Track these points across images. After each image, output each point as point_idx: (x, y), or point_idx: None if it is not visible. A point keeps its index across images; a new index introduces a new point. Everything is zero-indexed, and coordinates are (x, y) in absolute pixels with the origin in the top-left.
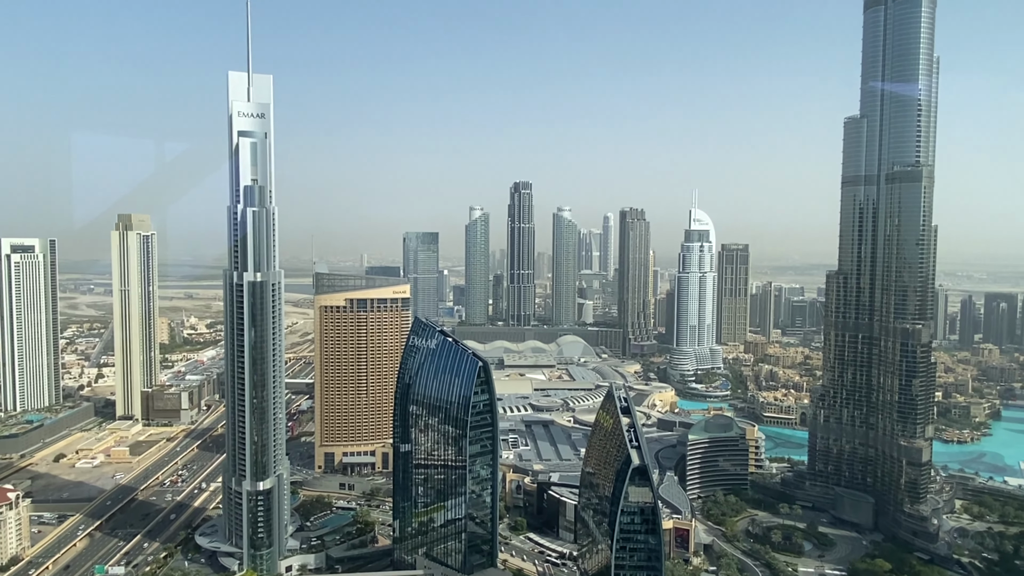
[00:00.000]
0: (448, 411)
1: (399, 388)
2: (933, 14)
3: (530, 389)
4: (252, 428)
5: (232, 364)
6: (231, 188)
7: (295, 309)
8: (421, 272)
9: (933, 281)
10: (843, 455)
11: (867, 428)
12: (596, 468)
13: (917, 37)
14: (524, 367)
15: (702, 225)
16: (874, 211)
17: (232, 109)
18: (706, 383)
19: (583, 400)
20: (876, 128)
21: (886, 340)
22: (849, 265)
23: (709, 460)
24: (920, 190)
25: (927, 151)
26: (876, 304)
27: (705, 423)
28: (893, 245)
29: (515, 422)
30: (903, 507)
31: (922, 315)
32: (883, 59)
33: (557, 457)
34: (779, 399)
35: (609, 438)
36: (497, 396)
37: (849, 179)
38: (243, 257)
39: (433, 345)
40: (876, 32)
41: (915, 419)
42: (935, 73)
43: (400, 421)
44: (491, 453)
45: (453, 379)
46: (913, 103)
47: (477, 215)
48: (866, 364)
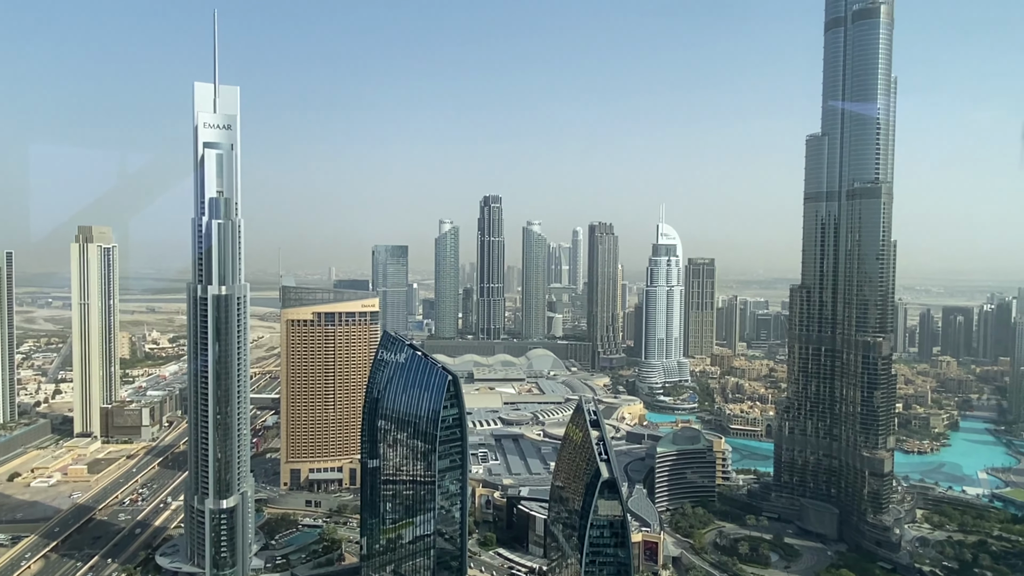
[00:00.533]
0: (417, 426)
1: (367, 403)
2: (891, 36)
3: (500, 403)
4: (215, 444)
5: (195, 379)
6: (196, 200)
7: (261, 323)
8: (390, 285)
9: (893, 295)
10: (808, 466)
11: (831, 439)
12: (566, 482)
13: (875, 58)
14: (494, 381)
15: (669, 239)
16: (835, 226)
17: (198, 120)
18: (674, 396)
19: (553, 413)
20: (837, 146)
21: (848, 352)
22: (812, 279)
23: (677, 472)
24: (880, 206)
25: (886, 168)
26: (838, 317)
27: (673, 436)
28: (854, 260)
29: (485, 436)
30: (866, 517)
31: (882, 328)
32: (843, 79)
33: (527, 471)
34: (745, 411)
35: (578, 451)
36: (467, 410)
37: (811, 195)
38: (208, 270)
39: (402, 359)
40: (836, 53)
41: (877, 430)
42: (893, 93)
43: (368, 436)
44: (460, 468)
45: (422, 393)
46: (872, 122)
47: (447, 228)
48: (829, 376)
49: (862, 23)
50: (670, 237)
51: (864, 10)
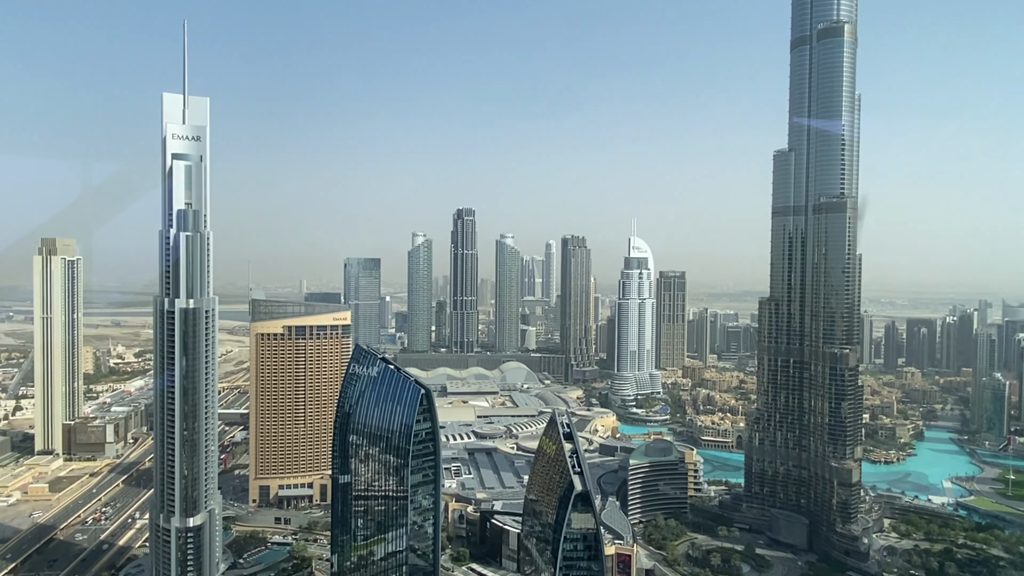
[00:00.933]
0: (389, 440)
1: (338, 417)
2: (854, 54)
3: (473, 416)
4: (182, 461)
5: (162, 394)
6: (163, 212)
7: (230, 337)
8: (363, 298)
9: (859, 307)
10: (778, 477)
11: (800, 450)
12: (539, 495)
13: (840, 75)
14: (467, 394)
15: (641, 253)
16: (803, 240)
17: (166, 131)
18: (646, 408)
19: (526, 427)
20: (803, 161)
21: (816, 364)
22: (780, 292)
23: (650, 484)
24: (845, 220)
25: (851, 183)
26: (806, 329)
27: (646, 448)
28: (821, 273)
29: (458, 450)
30: (835, 527)
31: (849, 340)
32: (809, 96)
33: (500, 485)
34: (716, 423)
35: (552, 464)
36: (440, 424)
37: (779, 209)
38: (175, 283)
39: (374, 373)
40: (802, 70)
41: (845, 441)
42: (857, 110)
43: (339, 451)
44: (433, 482)
45: (395, 407)
46: (837, 138)
47: (420, 241)
48: (798, 388)
49: (826, 42)
50: (642, 250)
51: (828, 29)
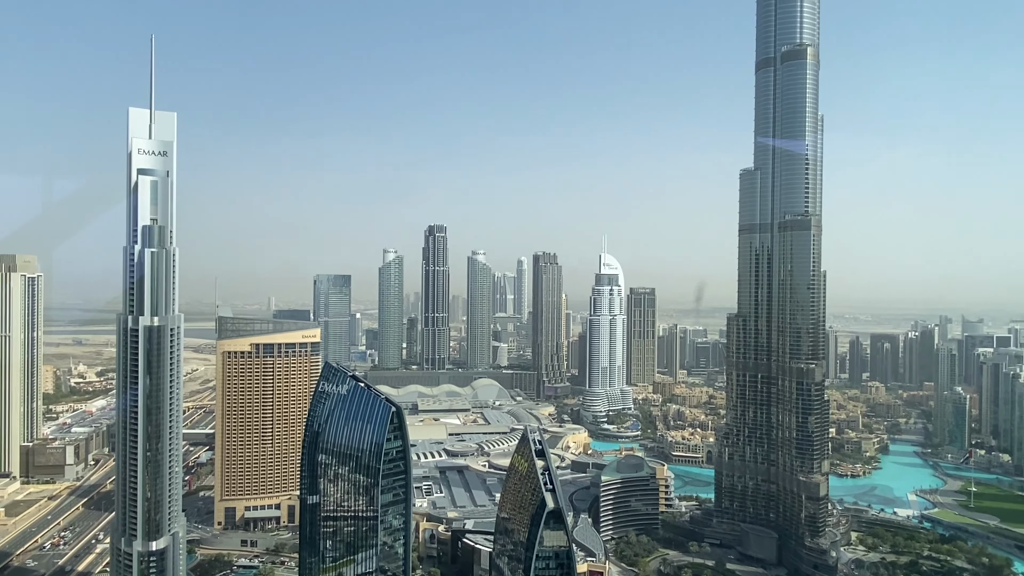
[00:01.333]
0: (359, 459)
1: (307, 436)
2: (817, 76)
3: (445, 434)
4: (145, 483)
5: (124, 414)
6: (128, 228)
7: (196, 355)
8: (332, 315)
9: (824, 323)
10: (747, 492)
11: (768, 465)
12: (511, 513)
13: (803, 97)
14: (439, 412)
15: (611, 269)
16: (769, 257)
17: (132, 146)
18: (618, 424)
19: (498, 444)
20: (768, 180)
21: (783, 379)
22: (747, 308)
23: (621, 501)
24: (809, 238)
25: (814, 202)
26: (773, 345)
27: (617, 464)
28: (787, 289)
29: (429, 469)
30: (804, 541)
31: (815, 355)
32: (773, 116)
33: (472, 503)
34: (686, 438)
35: (524, 482)
36: (411, 442)
37: (745, 227)
38: (139, 300)
39: (344, 391)
40: (766, 92)
41: (812, 455)
42: (820, 130)
43: (308, 471)
44: (404, 502)
45: (365, 426)
46: (801, 157)
47: (391, 258)
48: (765, 402)
49: (790, 64)
50: (612, 267)
51: (792, 52)
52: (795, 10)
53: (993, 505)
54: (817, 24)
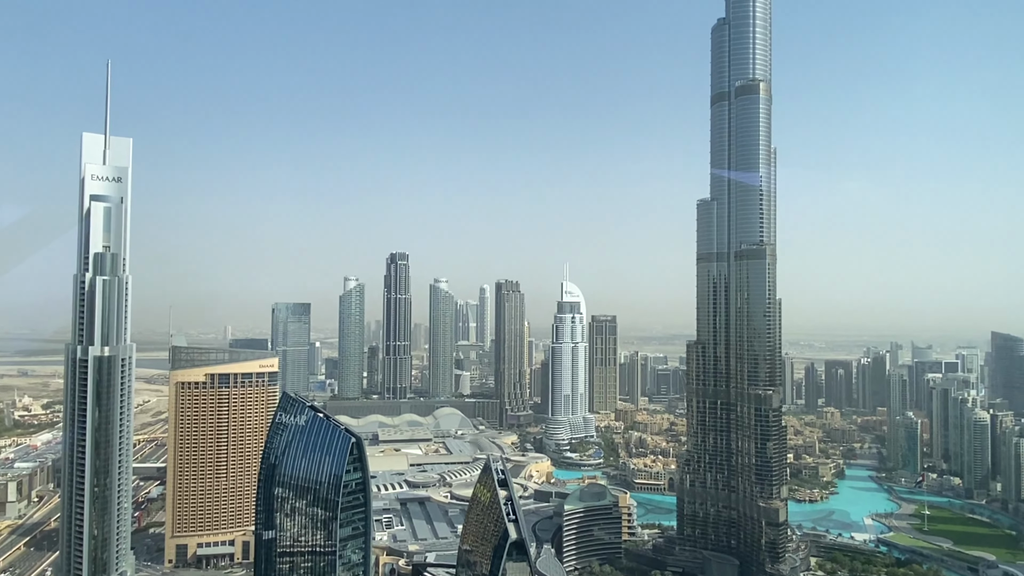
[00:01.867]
0: (317, 492)
1: (263, 469)
2: (769, 110)
3: (406, 465)
4: (91, 520)
5: (71, 448)
6: (79, 255)
7: (148, 386)
8: (291, 344)
9: (780, 350)
10: (709, 518)
11: (729, 491)
12: (473, 545)
13: (756, 130)
14: (400, 442)
15: (573, 297)
16: (726, 285)
17: (84, 172)
18: (580, 452)
19: (460, 474)
20: (725, 210)
21: (742, 405)
22: (706, 335)
23: (584, 530)
24: (764, 267)
25: (769, 232)
26: (731, 371)
27: (580, 492)
28: (744, 317)
29: (390, 500)
30: (765, 567)
31: (772, 381)
32: (728, 149)
33: (433, 536)
34: (648, 465)
35: (486, 513)
36: (371, 473)
37: (703, 256)
38: (89, 329)
39: (302, 422)
40: (721, 124)
41: (771, 481)
42: (773, 163)
43: (264, 505)
44: (363, 535)
45: (323, 457)
46: (755, 189)
47: (352, 286)
48: (725, 429)
49: (744, 98)
50: (574, 295)
51: (745, 86)
52: (748, 46)
53: (946, 528)
54: (769, 60)
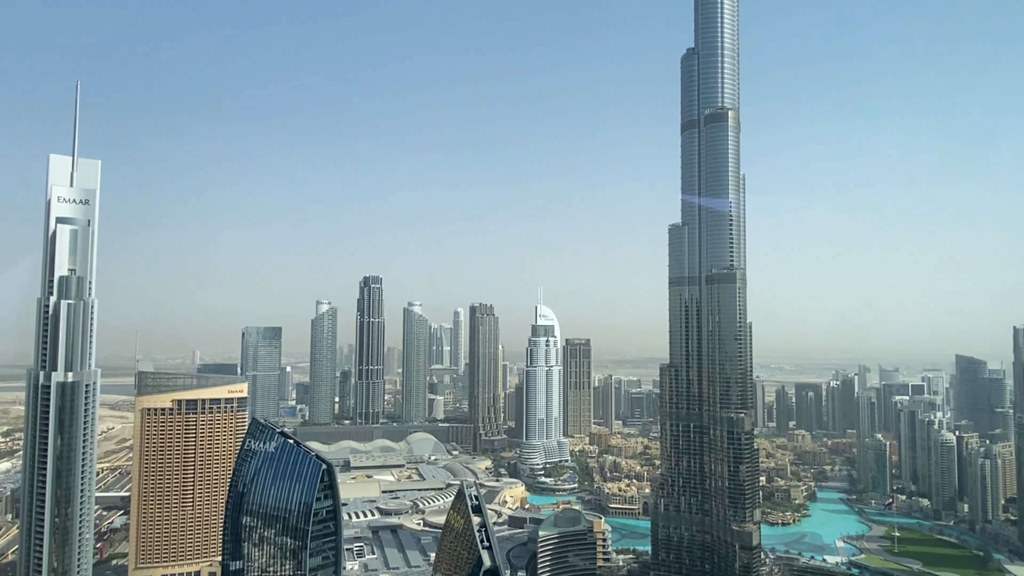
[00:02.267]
0: (287, 521)
1: (231, 498)
2: (738, 138)
3: (378, 492)
4: (51, 552)
5: (31, 477)
6: (44, 279)
7: (112, 412)
8: (261, 369)
9: (751, 373)
10: (683, 542)
11: (703, 515)
12: (446, 573)
13: (725, 157)
14: (372, 468)
15: (547, 320)
16: (698, 309)
17: (51, 194)
18: (555, 476)
19: (434, 500)
20: (696, 235)
21: (714, 428)
22: (679, 358)
23: (559, 556)
24: (735, 291)
25: (739, 256)
26: (704, 394)
27: (555, 518)
28: (716, 340)
29: (361, 529)
30: None
31: (744, 404)
32: (699, 175)
33: (406, 564)
34: (623, 490)
35: (460, 540)
36: (342, 501)
37: (675, 280)
38: (52, 354)
39: (272, 448)
40: (691, 151)
41: (744, 504)
42: (742, 189)
43: (231, 535)
44: (333, 565)
45: (293, 485)
46: (725, 215)
47: (324, 309)
48: (698, 452)
49: (713, 126)
50: (548, 318)
51: (714, 115)
52: (716, 75)
53: (916, 549)
54: (737, 89)
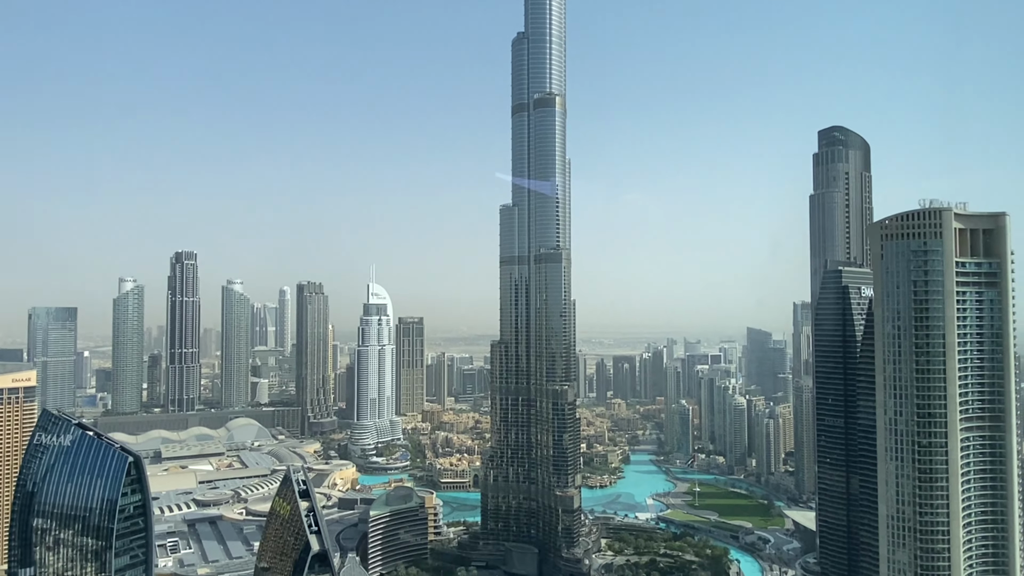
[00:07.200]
0: (87, 520)
1: (17, 499)
2: (564, 123)
3: (194, 483)
4: None
5: None
6: None
7: None
8: (53, 355)
9: (574, 347)
10: (511, 511)
11: (529, 483)
12: (272, 562)
13: (553, 141)
14: (187, 458)
15: (380, 299)
16: (527, 287)
17: None
18: (387, 455)
19: (257, 488)
20: (525, 216)
21: (541, 401)
22: (509, 335)
23: (390, 534)
24: (561, 270)
25: (564, 237)
26: (531, 369)
27: (386, 497)
28: (543, 317)
29: (175, 523)
30: (561, 552)
31: (567, 377)
32: (528, 158)
33: (226, 556)
34: (454, 464)
35: (286, 527)
36: (153, 495)
37: (506, 259)
38: None
39: (67, 442)
40: (521, 134)
41: (566, 470)
42: (568, 173)
43: (19, 539)
44: (144, 564)
45: (94, 481)
46: (552, 197)
47: (129, 287)
48: (526, 424)
49: (541, 110)
50: (381, 297)
51: (542, 99)
52: (545, 61)
53: (713, 502)
54: (564, 74)
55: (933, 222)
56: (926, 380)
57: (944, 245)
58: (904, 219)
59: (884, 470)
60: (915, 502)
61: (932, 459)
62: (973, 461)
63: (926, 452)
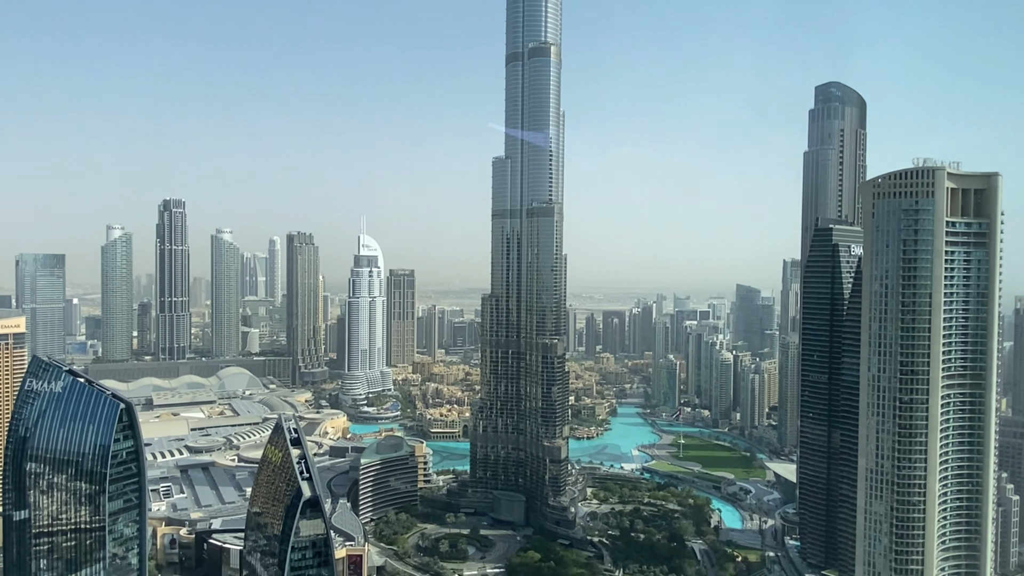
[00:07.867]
0: (80, 465)
1: (10, 444)
2: (559, 74)
3: (186, 430)
4: None
5: None
6: None
7: None
8: (42, 302)
9: (565, 301)
10: (499, 461)
11: (517, 434)
12: (264, 507)
13: (547, 92)
14: (179, 405)
15: (371, 251)
16: (518, 241)
17: None
18: (377, 406)
19: (249, 436)
20: (518, 169)
21: (530, 354)
22: (500, 288)
23: (381, 481)
24: (552, 224)
25: (557, 191)
26: (522, 323)
27: (377, 445)
28: (534, 271)
29: (168, 468)
30: (548, 501)
31: (557, 331)
32: (521, 109)
33: (219, 501)
34: (444, 415)
35: (278, 473)
36: (145, 441)
37: (498, 212)
38: None
39: (58, 388)
40: (515, 85)
41: (554, 422)
42: (562, 125)
43: (12, 483)
44: (137, 507)
45: (86, 426)
46: (545, 149)
47: (117, 235)
48: (515, 376)
49: (536, 60)
50: (372, 248)
51: (537, 48)
52: (540, 10)
53: (697, 454)
54: (560, 25)
55: (925, 181)
56: (911, 338)
57: (935, 204)
58: (896, 178)
59: (865, 425)
60: (894, 456)
61: (912, 415)
62: (953, 417)
63: (907, 408)
